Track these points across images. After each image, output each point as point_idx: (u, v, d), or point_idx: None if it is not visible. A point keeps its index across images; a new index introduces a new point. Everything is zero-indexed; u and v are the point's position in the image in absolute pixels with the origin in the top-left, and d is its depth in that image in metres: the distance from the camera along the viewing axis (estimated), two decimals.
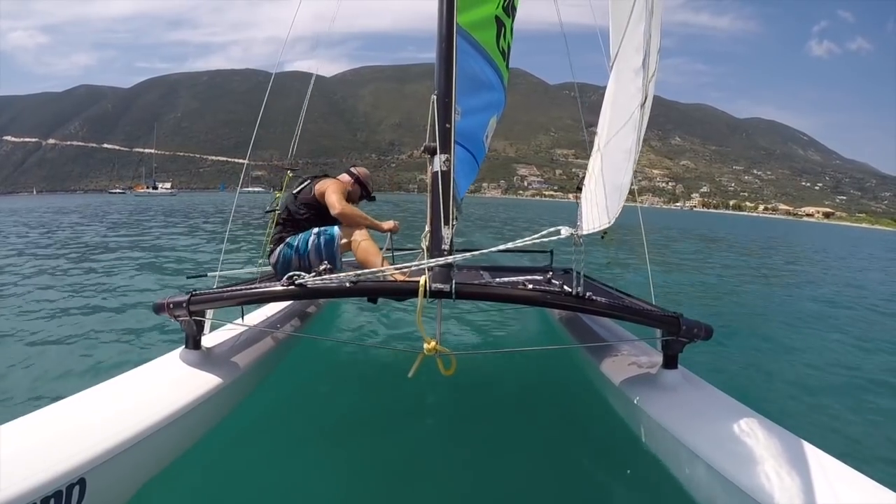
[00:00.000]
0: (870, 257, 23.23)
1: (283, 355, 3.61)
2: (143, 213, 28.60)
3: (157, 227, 19.74)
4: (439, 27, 3.05)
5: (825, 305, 8.65)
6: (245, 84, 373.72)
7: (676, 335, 2.62)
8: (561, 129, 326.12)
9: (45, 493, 1.68)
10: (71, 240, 14.14)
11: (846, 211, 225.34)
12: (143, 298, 6.50)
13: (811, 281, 12.37)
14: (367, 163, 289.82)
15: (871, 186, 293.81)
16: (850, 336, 6.43)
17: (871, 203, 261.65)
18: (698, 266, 13.26)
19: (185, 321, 2.77)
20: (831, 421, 3.76)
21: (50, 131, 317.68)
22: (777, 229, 53.73)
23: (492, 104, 3.50)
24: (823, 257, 20.50)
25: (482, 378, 3.85)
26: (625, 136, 2.68)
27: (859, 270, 16.39)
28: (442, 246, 2.76)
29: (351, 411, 3.42)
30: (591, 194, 2.91)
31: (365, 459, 2.86)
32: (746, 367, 4.73)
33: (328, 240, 3.65)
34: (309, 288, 2.59)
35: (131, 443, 2.05)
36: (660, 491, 2.45)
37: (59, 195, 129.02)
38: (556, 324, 4.57)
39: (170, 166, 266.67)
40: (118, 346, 4.64)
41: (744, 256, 17.74)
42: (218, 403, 2.68)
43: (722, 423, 2.31)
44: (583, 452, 3.00)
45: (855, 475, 1.93)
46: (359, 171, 4.31)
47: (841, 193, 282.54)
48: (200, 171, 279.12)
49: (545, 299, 2.73)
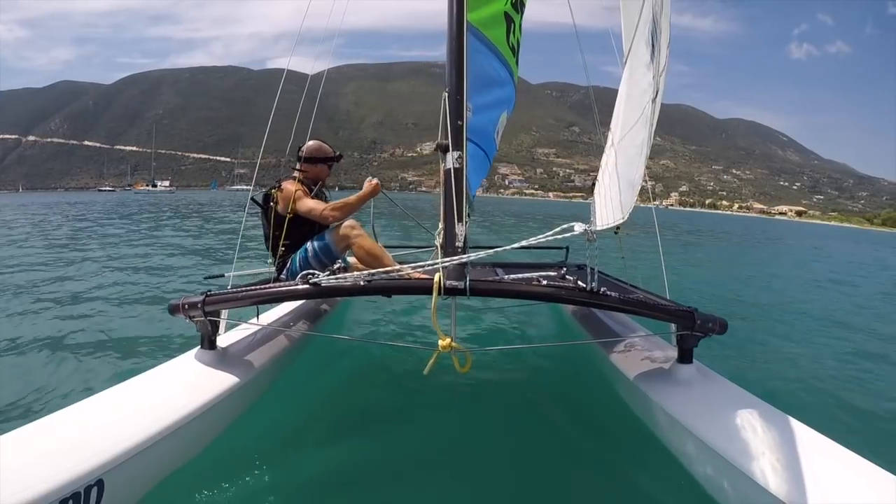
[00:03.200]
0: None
1: (298, 354, 3.59)
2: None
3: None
4: (449, 25, 3.06)
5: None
6: (227, 81, 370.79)
7: (691, 329, 2.60)
8: (542, 129, 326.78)
9: (64, 494, 1.68)
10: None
11: (822, 210, 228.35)
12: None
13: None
14: (350, 161, 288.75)
15: (848, 186, 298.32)
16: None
17: (848, 202, 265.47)
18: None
19: (201, 321, 2.75)
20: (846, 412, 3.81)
21: (30, 128, 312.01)
22: (739, 224, 57.59)
23: (502, 100, 3.51)
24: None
25: (497, 374, 3.87)
26: (637, 131, 2.72)
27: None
28: (456, 243, 2.76)
29: (366, 409, 3.41)
30: (605, 190, 2.92)
31: (381, 456, 2.86)
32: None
33: (322, 246, 3.52)
34: (324, 287, 2.57)
35: (148, 443, 2.04)
36: (675, 486, 2.45)
37: (40, 193, 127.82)
38: (569, 319, 4.56)
39: (150, 164, 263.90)
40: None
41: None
42: (233, 403, 2.67)
43: (738, 417, 2.29)
44: (598, 448, 3.01)
45: (875, 470, 1.91)
46: (307, 149, 3.88)
47: (818, 193, 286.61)
48: (182, 170, 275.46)
49: (559, 295, 2.72)
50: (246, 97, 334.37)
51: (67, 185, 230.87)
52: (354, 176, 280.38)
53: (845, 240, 40.99)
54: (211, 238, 15.59)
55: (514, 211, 48.35)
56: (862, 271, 16.02)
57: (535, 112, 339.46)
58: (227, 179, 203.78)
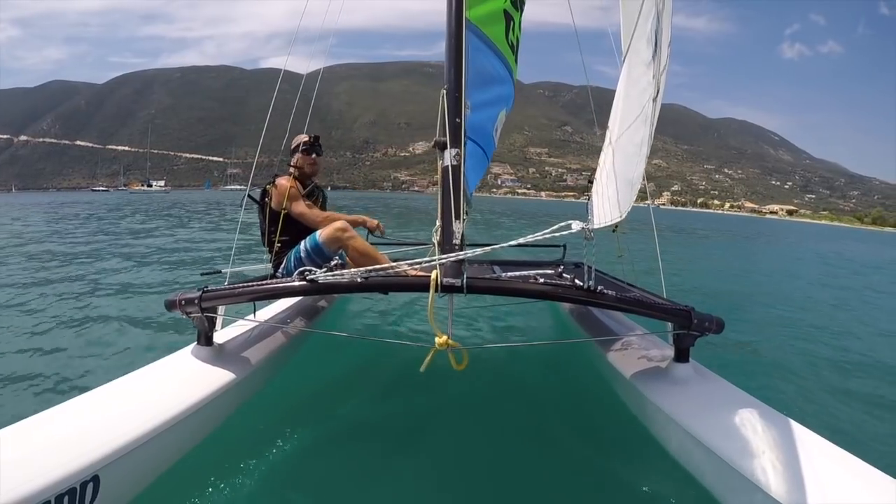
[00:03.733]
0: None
1: (295, 350, 3.60)
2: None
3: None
4: (448, 23, 3.04)
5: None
6: (219, 81, 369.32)
7: (688, 329, 2.60)
8: (535, 128, 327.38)
9: (60, 490, 1.68)
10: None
11: (813, 209, 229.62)
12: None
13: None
14: (342, 161, 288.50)
15: (840, 185, 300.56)
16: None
17: (840, 201, 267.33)
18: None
19: (197, 317, 2.75)
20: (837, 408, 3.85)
21: (21, 128, 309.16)
22: (728, 223, 58.45)
23: (501, 98, 3.49)
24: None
25: (494, 372, 3.87)
26: (636, 129, 2.71)
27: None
28: (453, 240, 2.74)
29: (363, 406, 3.41)
30: (602, 188, 2.91)
31: (377, 453, 2.86)
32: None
33: (314, 246, 3.46)
34: (321, 283, 2.56)
35: (144, 439, 2.05)
36: (671, 485, 2.46)
37: (32, 193, 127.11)
38: (566, 317, 4.56)
39: (144, 164, 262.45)
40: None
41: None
42: (230, 399, 2.67)
43: (734, 416, 2.30)
44: (594, 446, 3.01)
45: (872, 471, 1.92)
46: (299, 139, 3.88)
47: (810, 192, 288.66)
48: (175, 169, 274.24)
49: (556, 293, 2.69)
50: (238, 97, 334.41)
51: (59, 185, 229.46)
52: (347, 175, 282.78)
53: (833, 239, 41.65)
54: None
55: (504, 210, 48.90)
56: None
57: (528, 111, 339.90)
58: (220, 179, 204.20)
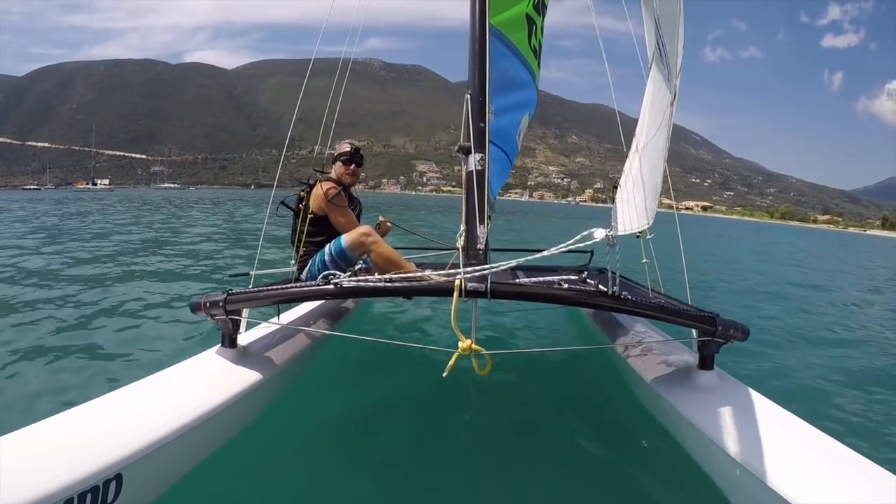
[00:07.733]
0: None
1: (318, 353, 3.59)
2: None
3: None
4: (472, 27, 3.07)
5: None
6: (143, 75, 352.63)
7: (713, 336, 2.58)
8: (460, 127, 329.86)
9: (82, 488, 1.68)
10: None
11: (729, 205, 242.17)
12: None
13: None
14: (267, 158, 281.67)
15: (757, 183, 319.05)
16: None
17: (757, 198, 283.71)
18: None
19: (222, 320, 2.75)
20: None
21: None
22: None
23: (524, 103, 3.52)
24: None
25: (516, 377, 3.87)
26: (659, 135, 2.78)
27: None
28: (477, 245, 2.72)
29: (384, 409, 3.37)
30: (628, 195, 2.94)
31: (399, 456, 2.86)
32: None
33: (339, 251, 3.45)
34: (345, 287, 2.54)
35: (168, 439, 2.05)
36: (695, 494, 2.45)
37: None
38: (590, 323, 4.56)
39: (65, 161, 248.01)
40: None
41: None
42: (253, 401, 2.67)
43: (759, 425, 2.27)
44: (617, 453, 3.00)
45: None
46: (341, 148, 3.92)
47: (728, 189, 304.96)
48: (96, 167, 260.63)
49: (580, 299, 2.70)
50: (162, 91, 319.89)
51: None
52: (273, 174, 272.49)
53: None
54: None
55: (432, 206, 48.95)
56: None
57: (453, 110, 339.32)
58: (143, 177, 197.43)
